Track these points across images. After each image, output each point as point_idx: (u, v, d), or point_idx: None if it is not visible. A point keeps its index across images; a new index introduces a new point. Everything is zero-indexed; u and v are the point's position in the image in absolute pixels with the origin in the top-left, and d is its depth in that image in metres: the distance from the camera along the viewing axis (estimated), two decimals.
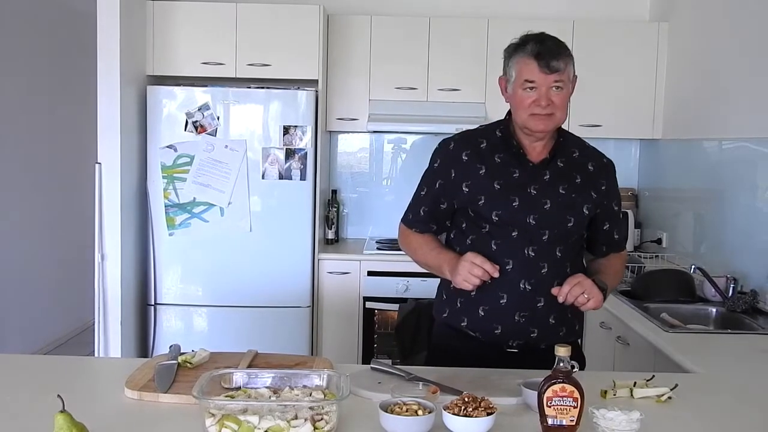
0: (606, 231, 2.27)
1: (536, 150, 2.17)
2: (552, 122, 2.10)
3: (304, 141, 4.20)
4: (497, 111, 4.53)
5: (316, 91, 4.30)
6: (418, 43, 4.51)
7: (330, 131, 4.77)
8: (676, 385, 1.86)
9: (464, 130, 2.30)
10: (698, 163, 4.10)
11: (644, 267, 3.71)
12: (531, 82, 2.06)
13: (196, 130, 4.17)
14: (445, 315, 2.25)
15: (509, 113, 2.20)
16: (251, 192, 4.20)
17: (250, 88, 4.29)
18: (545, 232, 2.12)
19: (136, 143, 4.21)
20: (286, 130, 4.20)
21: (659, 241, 4.50)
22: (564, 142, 2.21)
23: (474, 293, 2.12)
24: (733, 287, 3.24)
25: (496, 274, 2.04)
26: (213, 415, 1.52)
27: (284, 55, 4.31)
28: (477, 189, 2.15)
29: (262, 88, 4.29)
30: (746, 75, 3.60)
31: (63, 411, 1.44)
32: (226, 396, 1.62)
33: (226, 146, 4.17)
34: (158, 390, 1.80)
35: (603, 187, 2.21)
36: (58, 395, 1.47)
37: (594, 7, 4.86)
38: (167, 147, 4.17)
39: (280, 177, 4.21)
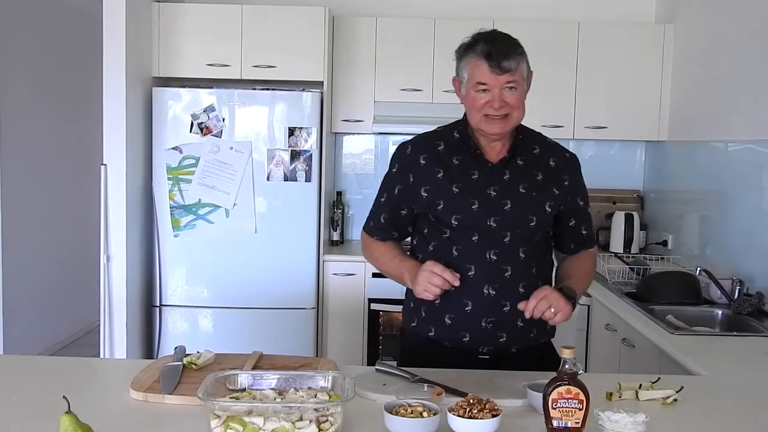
0: (572, 227, 2.22)
1: (495, 150, 2.12)
2: (508, 123, 2.05)
3: (309, 142, 4.20)
4: None
5: (321, 93, 4.30)
6: (423, 44, 4.51)
7: (335, 133, 4.77)
8: (682, 388, 1.86)
9: (422, 133, 2.26)
10: (704, 165, 4.09)
11: (650, 269, 3.70)
12: (483, 84, 2.01)
13: (202, 131, 4.17)
14: (413, 324, 2.20)
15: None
16: (256, 193, 4.20)
17: (255, 89, 4.30)
18: (507, 234, 2.07)
19: (141, 145, 4.22)
20: (291, 131, 4.20)
21: (665, 243, 4.49)
22: (523, 139, 2.16)
23: (438, 302, 2.08)
24: (739, 289, 3.22)
25: (457, 283, 2.00)
26: (218, 416, 1.52)
27: (289, 57, 4.31)
28: (435, 193, 2.10)
29: (268, 89, 4.30)
30: (752, 76, 3.59)
31: (68, 412, 1.45)
32: (231, 397, 1.63)
33: (232, 148, 4.17)
34: (163, 391, 1.81)
35: (566, 183, 2.16)
36: (64, 396, 1.47)
37: (599, 8, 4.85)
38: (172, 148, 4.17)
39: (285, 178, 4.21)
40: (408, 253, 2.26)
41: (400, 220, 2.21)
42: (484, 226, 2.07)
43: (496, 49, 1.99)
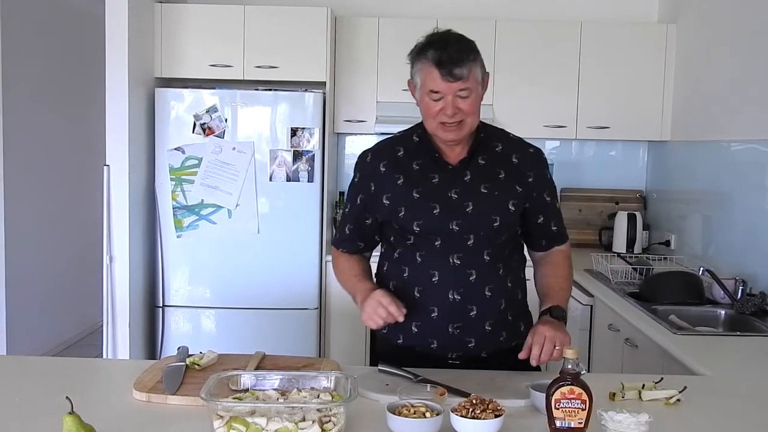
0: (541, 224, 2.16)
1: (455, 151, 2.08)
2: (462, 130, 2.00)
3: (311, 143, 4.21)
4: (505, 112, 4.54)
5: (324, 93, 4.30)
6: None
7: (337, 133, 4.78)
8: (685, 388, 1.86)
9: (383, 139, 2.23)
10: (706, 164, 4.09)
11: (652, 269, 3.70)
12: (435, 92, 1.96)
13: (204, 132, 4.18)
14: (384, 331, 2.17)
15: None
16: (259, 194, 4.20)
17: (257, 90, 4.30)
18: (470, 237, 2.03)
19: (144, 145, 4.22)
20: (293, 132, 4.21)
21: (667, 243, 4.49)
22: (484, 137, 2.11)
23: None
24: (742, 289, 3.22)
25: (401, 318, 1.93)
26: (221, 417, 1.52)
27: (292, 57, 4.32)
28: (396, 200, 2.06)
29: (270, 90, 4.30)
30: (754, 76, 3.58)
31: (71, 413, 1.45)
32: (234, 398, 1.63)
33: (234, 148, 4.18)
34: (166, 392, 1.81)
35: (530, 179, 2.10)
36: (67, 397, 1.47)
37: (602, 8, 4.85)
38: (175, 149, 4.18)
39: (288, 179, 4.22)
40: (378, 264, 2.22)
41: (365, 230, 2.18)
42: (446, 230, 2.03)
43: (447, 55, 1.92)
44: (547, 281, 2.16)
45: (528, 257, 2.25)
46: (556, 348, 1.88)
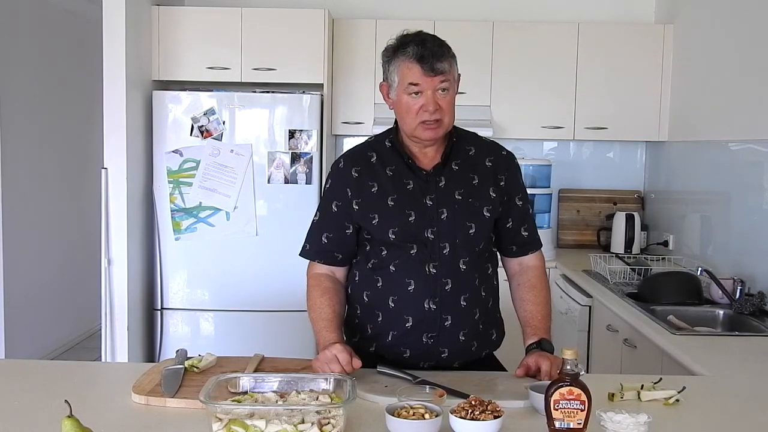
0: (511, 229, 2.14)
1: (428, 156, 2.07)
2: (440, 129, 1.99)
3: (309, 145, 4.21)
4: (502, 113, 4.54)
5: (322, 95, 4.30)
6: None
7: (335, 135, 4.78)
8: (684, 388, 1.86)
9: (354, 146, 2.22)
10: (704, 165, 4.09)
11: (651, 269, 3.70)
12: (416, 85, 1.94)
13: (202, 134, 4.18)
14: (355, 339, 2.15)
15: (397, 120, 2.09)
16: (257, 196, 4.20)
17: (255, 92, 4.30)
18: (446, 245, 2.02)
19: (142, 148, 4.22)
20: (291, 134, 4.21)
21: (666, 244, 4.49)
22: (457, 141, 2.10)
23: (381, 319, 2.05)
24: (741, 289, 3.22)
25: (349, 369, 1.86)
26: (220, 419, 1.52)
27: (289, 60, 4.32)
28: (370, 208, 2.05)
29: (268, 92, 4.30)
30: (751, 76, 3.59)
31: (70, 416, 1.44)
32: (233, 400, 1.63)
33: (232, 151, 4.18)
34: (165, 395, 1.81)
35: (502, 183, 2.09)
36: (66, 400, 1.47)
37: (599, 9, 4.86)
38: (173, 152, 4.18)
39: (286, 181, 4.21)
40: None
41: (346, 239, 2.12)
42: (422, 237, 2.02)
43: (428, 51, 1.92)
44: (529, 308, 2.12)
45: (501, 265, 2.22)
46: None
